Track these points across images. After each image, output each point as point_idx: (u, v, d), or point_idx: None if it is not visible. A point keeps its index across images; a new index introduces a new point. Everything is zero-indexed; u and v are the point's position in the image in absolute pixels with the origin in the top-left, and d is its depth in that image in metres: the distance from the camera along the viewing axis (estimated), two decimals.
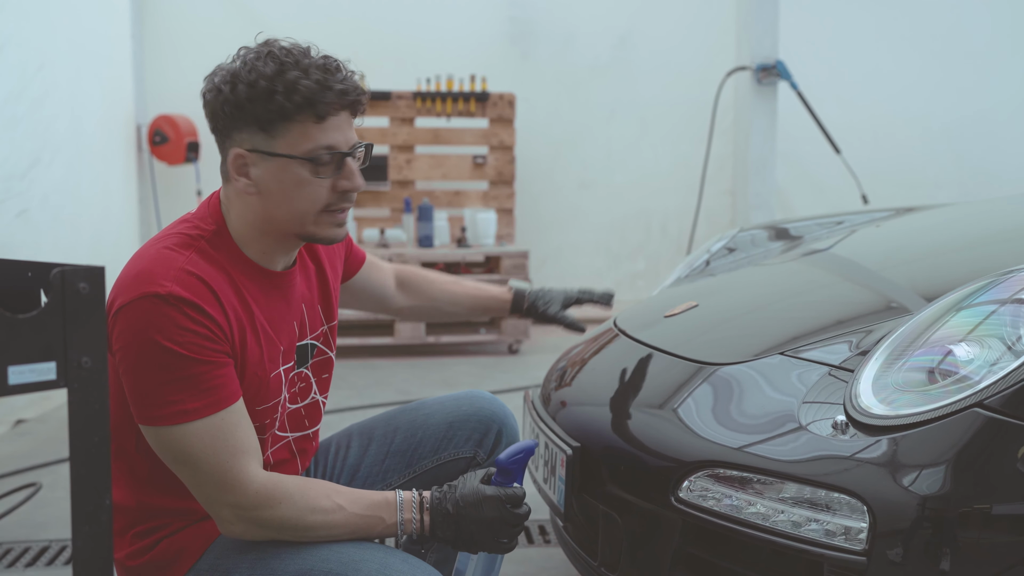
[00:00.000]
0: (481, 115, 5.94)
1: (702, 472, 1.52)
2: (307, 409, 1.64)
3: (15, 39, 4.19)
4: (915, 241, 2.46)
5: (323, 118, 1.42)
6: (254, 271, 1.51)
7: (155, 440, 1.40)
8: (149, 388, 1.37)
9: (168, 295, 1.36)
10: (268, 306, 1.52)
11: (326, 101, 1.41)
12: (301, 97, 1.40)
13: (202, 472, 1.38)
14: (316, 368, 1.66)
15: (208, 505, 1.41)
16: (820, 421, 1.47)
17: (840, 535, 1.35)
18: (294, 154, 1.43)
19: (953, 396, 1.37)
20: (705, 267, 2.76)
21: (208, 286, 1.41)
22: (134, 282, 1.38)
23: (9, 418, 3.98)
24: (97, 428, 0.96)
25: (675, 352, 1.88)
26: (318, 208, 1.47)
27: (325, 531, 1.43)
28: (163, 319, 1.35)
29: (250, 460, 1.40)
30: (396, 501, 1.46)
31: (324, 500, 1.43)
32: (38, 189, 4.37)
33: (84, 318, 0.95)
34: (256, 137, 1.44)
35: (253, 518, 1.40)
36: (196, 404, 1.37)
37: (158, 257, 1.42)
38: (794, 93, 6.07)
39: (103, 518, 0.97)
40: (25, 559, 2.55)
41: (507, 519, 1.46)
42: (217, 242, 1.48)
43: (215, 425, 1.38)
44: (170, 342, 1.35)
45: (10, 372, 0.89)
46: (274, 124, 1.42)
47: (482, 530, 1.45)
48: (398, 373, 4.73)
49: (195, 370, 1.37)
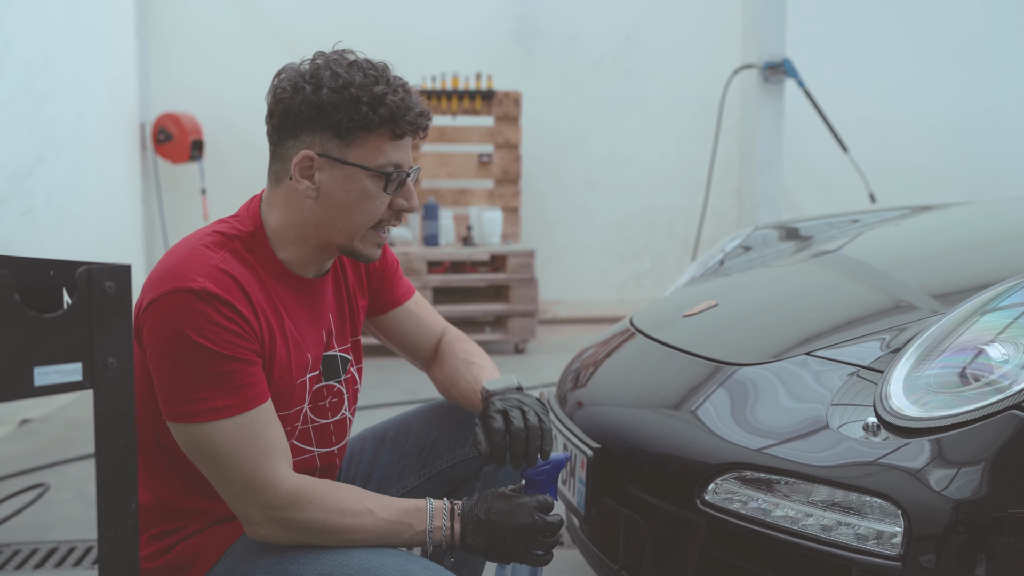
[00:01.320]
0: (487, 113, 5.91)
1: (728, 475, 1.50)
2: (336, 425, 1.60)
3: (19, 37, 4.16)
4: (925, 241, 2.44)
5: (399, 136, 1.45)
6: (286, 276, 1.50)
7: (184, 438, 1.38)
8: (179, 384, 1.35)
9: (201, 290, 1.35)
10: (297, 313, 1.51)
11: (406, 120, 1.44)
12: (387, 111, 1.42)
13: (231, 471, 1.36)
14: (349, 383, 1.63)
15: (236, 506, 1.39)
16: (850, 423, 1.44)
17: (873, 539, 1.33)
18: (367, 166, 1.44)
19: (989, 398, 1.34)
20: (720, 266, 2.73)
21: (240, 286, 1.40)
22: (166, 277, 1.37)
23: (14, 418, 3.96)
24: (123, 431, 0.94)
25: (695, 352, 1.85)
26: (373, 222, 1.48)
27: (353, 535, 1.40)
28: (195, 314, 1.34)
29: (280, 460, 1.38)
30: (427, 508, 1.43)
31: (354, 503, 1.41)
32: (43, 187, 4.35)
33: (110, 318, 0.92)
34: (330, 143, 1.43)
35: (281, 519, 1.38)
36: (226, 402, 1.35)
37: (192, 254, 1.41)
38: (801, 91, 6.05)
39: (129, 522, 0.94)
40: (34, 560, 2.52)
41: (539, 526, 1.43)
42: (252, 244, 1.47)
43: (245, 424, 1.36)
44: (201, 337, 1.33)
45: (36, 373, 0.87)
46: (352, 133, 1.42)
47: (514, 537, 1.42)
48: (403, 373, 4.70)
49: (226, 367, 1.35)
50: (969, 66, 6.89)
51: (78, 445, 3.56)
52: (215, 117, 6.13)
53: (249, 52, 6.16)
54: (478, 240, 5.61)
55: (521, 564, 1.50)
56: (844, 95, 6.55)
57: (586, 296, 6.70)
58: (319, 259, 1.53)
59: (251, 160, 6.21)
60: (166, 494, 1.49)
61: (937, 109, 6.89)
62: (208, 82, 6.19)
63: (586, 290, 6.72)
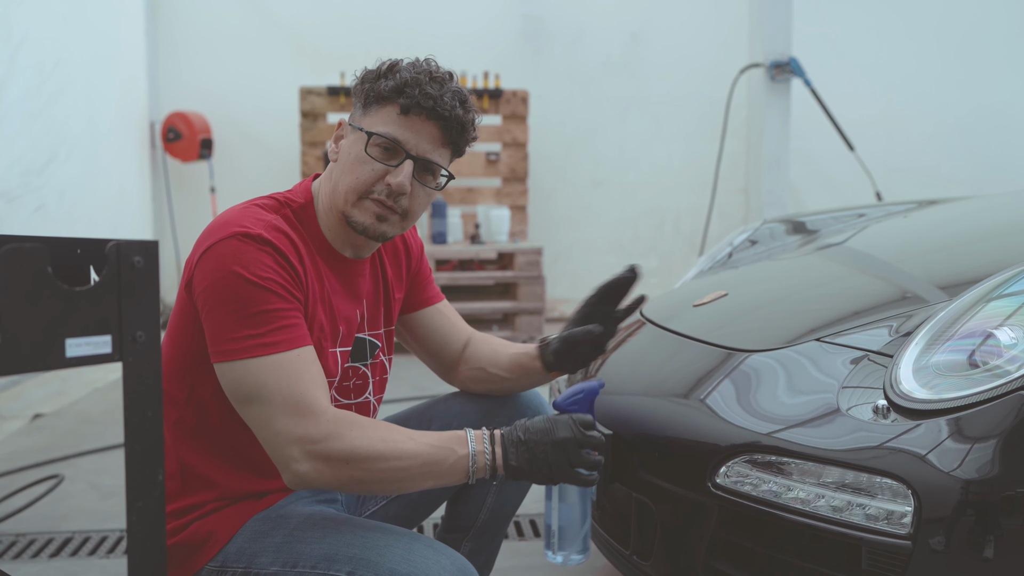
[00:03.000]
0: (494, 112, 5.93)
1: (740, 457, 1.51)
2: (358, 408, 1.63)
3: (32, 35, 4.20)
4: (931, 234, 2.46)
5: (407, 112, 1.48)
6: (327, 252, 1.55)
7: (231, 375, 1.39)
8: (229, 322, 1.38)
9: (257, 235, 1.41)
10: (335, 286, 1.56)
11: (412, 95, 1.47)
12: (394, 84, 1.48)
13: (274, 405, 1.36)
14: (375, 368, 1.66)
15: (276, 445, 1.37)
16: (860, 406, 1.46)
17: (883, 519, 1.34)
18: (369, 130, 1.50)
19: (998, 380, 1.36)
20: (728, 259, 2.75)
21: (292, 242, 1.47)
22: (222, 227, 1.42)
23: (26, 412, 3.99)
24: (150, 403, 0.96)
25: (706, 340, 1.87)
26: (359, 187, 1.51)
27: (396, 462, 1.38)
28: (248, 255, 1.39)
29: (323, 393, 1.40)
30: (467, 435, 1.44)
31: (395, 432, 1.41)
32: (55, 184, 4.38)
33: (139, 292, 0.95)
34: (358, 111, 1.55)
35: (323, 452, 1.36)
36: (275, 338, 1.38)
37: (247, 210, 1.48)
38: (807, 90, 6.06)
39: (156, 493, 0.97)
40: (49, 550, 2.55)
41: (579, 440, 1.43)
42: (302, 215, 1.54)
43: (291, 360, 1.38)
44: (253, 276, 1.38)
45: (68, 345, 0.89)
46: (371, 103, 1.52)
47: (556, 452, 1.41)
48: (412, 369, 4.71)
49: (276, 305, 1.39)
50: (975, 64, 6.89)
51: (90, 439, 3.59)
52: (224, 116, 6.17)
53: (258, 51, 6.19)
54: (486, 238, 5.63)
55: (568, 486, 1.49)
56: (850, 94, 6.56)
57: None
58: (349, 235, 1.56)
59: (260, 159, 6.25)
60: (191, 458, 1.52)
61: (943, 107, 6.90)
62: (217, 81, 6.23)
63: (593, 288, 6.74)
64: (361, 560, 1.38)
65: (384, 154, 1.50)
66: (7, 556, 2.50)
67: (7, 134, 4.02)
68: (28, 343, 0.87)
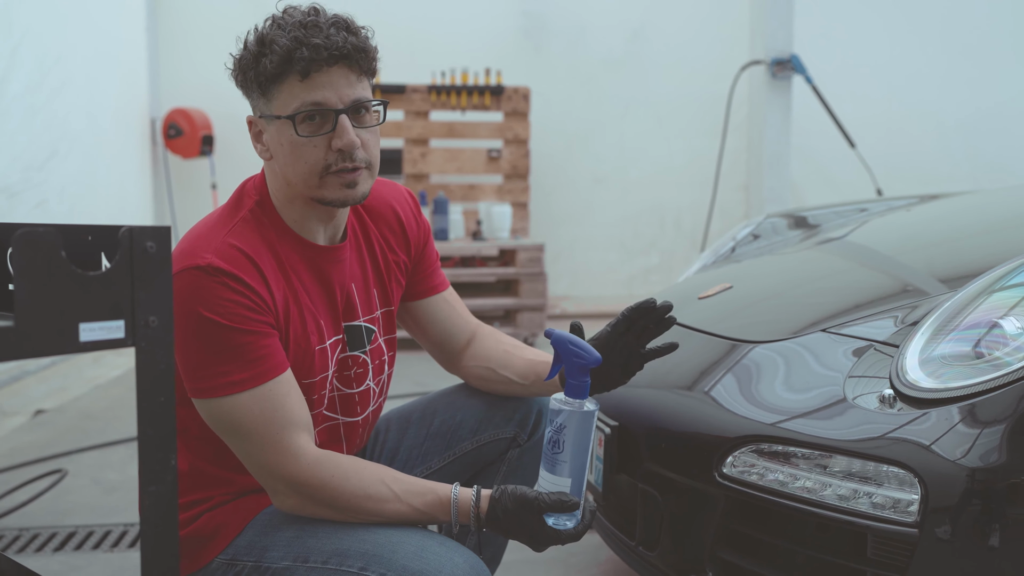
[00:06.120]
0: (496, 108, 5.94)
1: (746, 447, 1.52)
2: (361, 396, 1.61)
3: (33, 31, 4.20)
4: (931, 228, 2.47)
5: (306, 75, 1.39)
6: (297, 243, 1.49)
7: (207, 413, 1.40)
8: (197, 361, 1.37)
9: (208, 266, 1.36)
10: (312, 279, 1.50)
11: (304, 57, 1.37)
12: (278, 57, 1.38)
13: (253, 444, 1.38)
14: (375, 353, 1.62)
15: (261, 477, 1.41)
16: (866, 395, 1.47)
17: (889, 508, 1.35)
18: (283, 114, 1.41)
19: (1004, 369, 1.36)
20: (731, 253, 2.76)
21: (249, 258, 1.40)
22: (178, 257, 1.39)
23: (28, 408, 3.99)
24: (163, 388, 0.96)
25: (712, 331, 1.87)
26: (317, 170, 1.42)
27: (377, 518, 1.41)
28: (204, 291, 1.35)
29: (301, 432, 1.39)
30: (451, 503, 1.40)
31: (379, 486, 1.40)
32: (56, 180, 4.38)
33: (151, 277, 0.95)
34: (259, 101, 1.45)
35: (305, 493, 1.39)
36: (243, 375, 1.36)
37: (201, 231, 1.43)
38: (809, 87, 6.06)
39: (168, 478, 0.97)
40: (53, 544, 2.55)
41: (552, 536, 1.40)
42: (260, 213, 1.48)
43: (264, 396, 1.37)
44: (213, 313, 1.35)
45: (81, 329, 0.89)
46: (269, 87, 1.41)
47: (533, 542, 1.42)
48: (414, 365, 4.72)
49: (240, 340, 1.36)
50: (976, 63, 6.90)
51: (92, 434, 3.59)
52: (225, 112, 6.16)
53: None
54: (487, 235, 5.63)
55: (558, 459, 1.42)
56: (852, 91, 6.57)
57: (594, 291, 6.72)
58: (316, 217, 1.49)
59: None
60: (199, 462, 1.52)
61: (944, 106, 6.90)
62: (218, 77, 6.15)
63: (594, 285, 6.75)
64: (373, 556, 1.37)
65: (315, 126, 1.41)
66: (11, 550, 2.50)
67: (8, 130, 4.03)
68: (42, 327, 0.87)
